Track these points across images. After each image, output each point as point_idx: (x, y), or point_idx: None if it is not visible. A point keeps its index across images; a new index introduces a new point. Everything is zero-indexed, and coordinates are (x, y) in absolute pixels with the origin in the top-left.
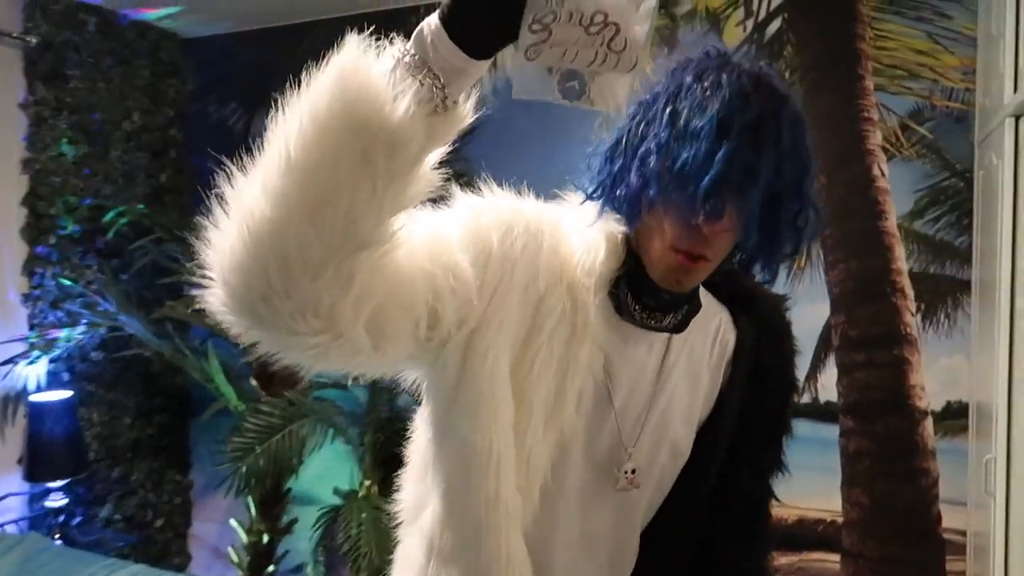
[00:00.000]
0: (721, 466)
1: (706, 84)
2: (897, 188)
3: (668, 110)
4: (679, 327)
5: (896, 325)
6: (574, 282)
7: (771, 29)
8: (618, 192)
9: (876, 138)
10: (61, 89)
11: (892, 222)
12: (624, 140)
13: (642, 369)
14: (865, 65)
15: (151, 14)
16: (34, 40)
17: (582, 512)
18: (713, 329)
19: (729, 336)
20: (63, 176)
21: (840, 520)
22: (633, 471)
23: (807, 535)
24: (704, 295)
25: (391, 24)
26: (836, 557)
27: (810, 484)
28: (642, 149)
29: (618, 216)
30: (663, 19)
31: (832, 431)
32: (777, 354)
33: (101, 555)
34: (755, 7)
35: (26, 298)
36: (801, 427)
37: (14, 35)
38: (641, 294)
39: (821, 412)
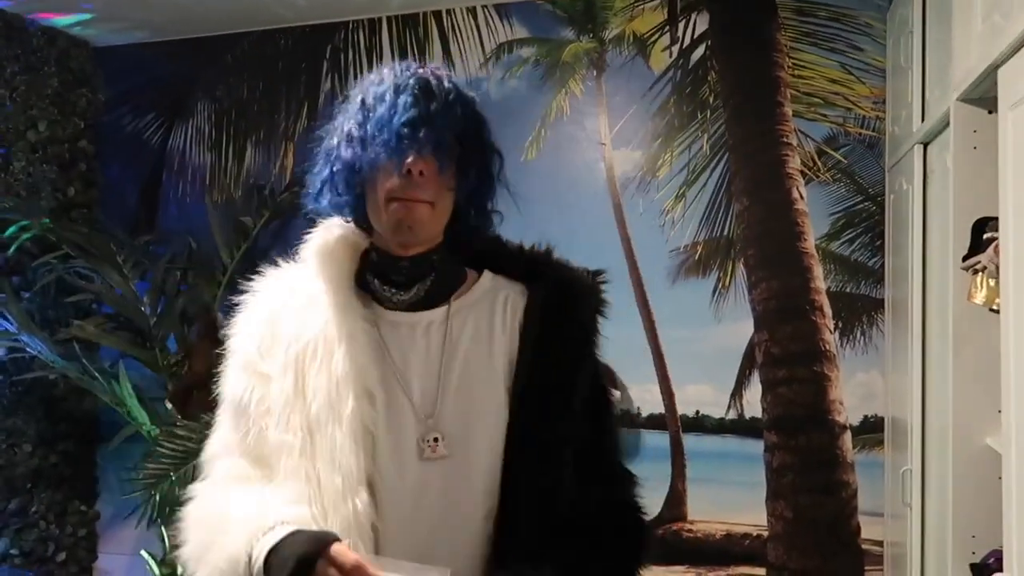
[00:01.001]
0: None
1: (382, 75)
2: (815, 210)
3: (359, 99)
4: (431, 297)
5: (816, 342)
6: (317, 303)
7: (695, 56)
8: (335, 178)
9: (795, 162)
10: None
11: (811, 243)
12: (333, 144)
13: (426, 348)
14: (784, 92)
15: (61, 20)
16: None
17: (409, 492)
18: (502, 299)
19: (519, 302)
20: None
21: (766, 534)
22: (435, 439)
23: (734, 549)
24: (493, 277)
25: (317, 39)
26: (762, 571)
27: (737, 499)
28: (346, 131)
29: (344, 210)
30: (591, 43)
31: (757, 446)
32: (565, 308)
33: None
34: (680, 34)
35: None
36: (728, 443)
37: None
38: (387, 275)
39: (747, 428)
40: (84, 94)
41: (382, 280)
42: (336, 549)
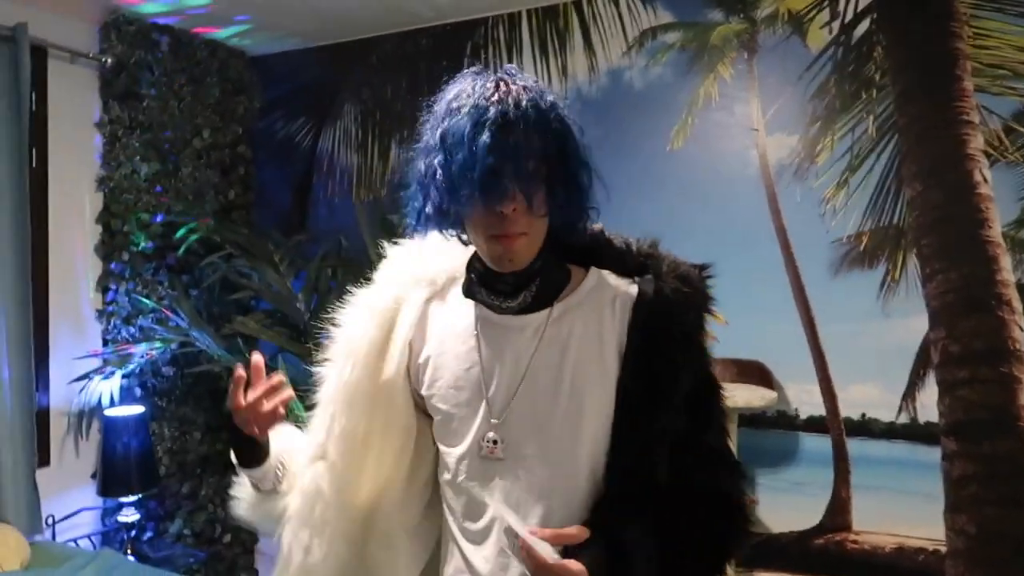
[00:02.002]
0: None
1: (461, 101)
2: (1001, 194)
3: (439, 134)
4: (538, 301)
5: (1003, 340)
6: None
7: (859, 31)
8: (429, 214)
9: (977, 142)
10: (134, 108)
11: (997, 230)
12: (422, 172)
13: (520, 352)
14: (963, 65)
15: (221, 32)
16: (109, 60)
17: (473, 487)
18: (610, 297)
19: (628, 299)
20: (136, 193)
21: (943, 549)
22: (495, 441)
23: (906, 564)
24: (604, 274)
25: (457, 36)
26: None
27: (909, 510)
28: (430, 172)
29: (444, 232)
30: (742, 24)
31: (933, 453)
32: (673, 305)
33: (173, 572)
34: (841, 8)
35: (100, 314)
36: (898, 449)
37: (90, 56)
38: (494, 284)
39: (921, 433)
40: (242, 101)
41: (489, 289)
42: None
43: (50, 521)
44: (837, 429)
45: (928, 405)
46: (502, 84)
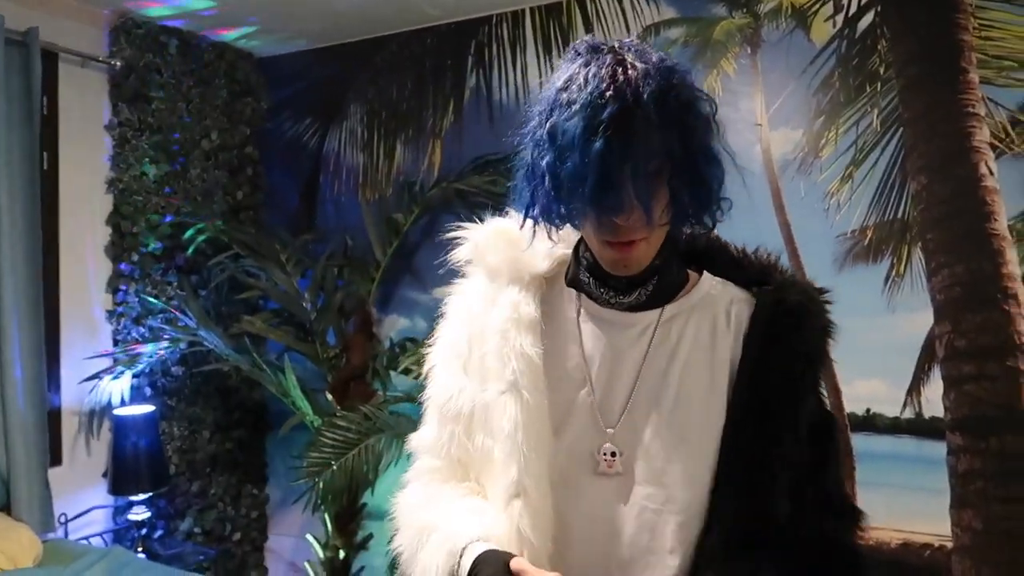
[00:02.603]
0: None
1: (571, 93)
2: (1008, 187)
3: (548, 127)
4: (653, 300)
5: (1009, 334)
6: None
7: (863, 24)
8: (540, 212)
9: (983, 134)
10: (143, 110)
11: (1003, 223)
12: (529, 167)
13: (627, 353)
14: (969, 57)
15: (228, 35)
16: (118, 63)
17: (579, 508)
18: (725, 304)
19: (745, 310)
20: (145, 195)
21: (949, 545)
22: (613, 454)
23: (912, 561)
24: (713, 280)
25: (462, 35)
26: None
27: (915, 506)
28: (539, 171)
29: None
30: (745, 18)
31: (938, 448)
32: (796, 323)
33: (183, 570)
34: (844, 1)
35: (110, 314)
36: (903, 444)
37: (100, 59)
38: (607, 279)
39: (926, 428)
40: (250, 103)
41: (600, 281)
42: (515, 565)
43: (62, 519)
44: (842, 424)
45: (933, 400)
46: (620, 70)
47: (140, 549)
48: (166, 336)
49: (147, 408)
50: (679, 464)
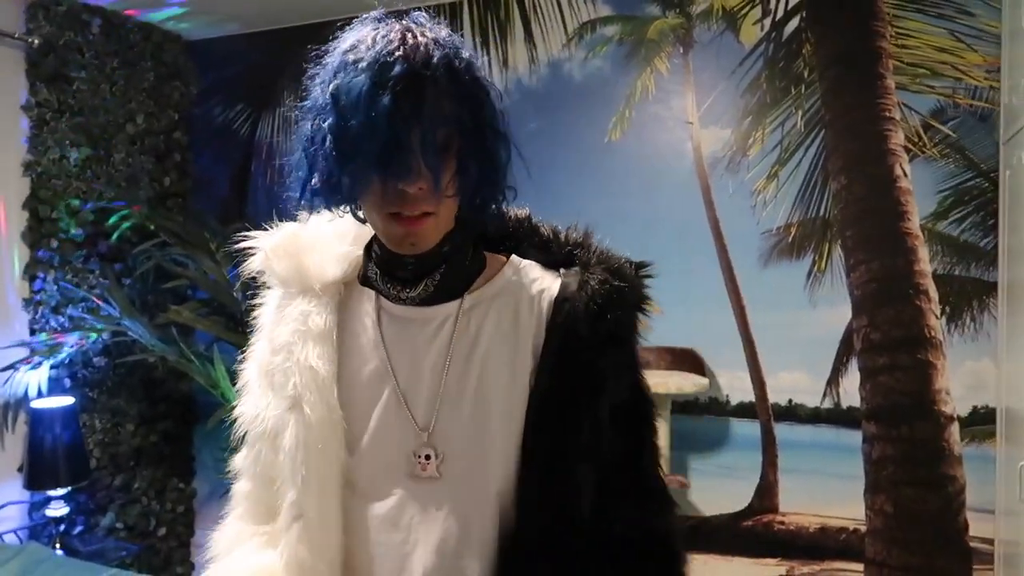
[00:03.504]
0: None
1: (358, 53)
2: (920, 188)
3: (330, 91)
4: (443, 291)
5: (920, 328)
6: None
7: (789, 28)
8: (316, 187)
9: (898, 137)
10: (63, 91)
11: (915, 223)
12: (309, 136)
13: (428, 350)
14: (886, 63)
15: (155, 15)
16: (36, 41)
17: (388, 515)
18: (531, 290)
19: (548, 297)
20: (65, 179)
21: (863, 528)
22: (427, 456)
23: (829, 544)
24: (526, 264)
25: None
26: (859, 566)
27: (832, 491)
28: (319, 136)
29: (334, 210)
30: (678, 18)
31: (855, 437)
32: (602, 302)
33: (103, 565)
34: (772, 5)
35: (27, 303)
36: (823, 433)
37: (16, 36)
38: (394, 271)
39: (843, 417)
40: (178, 87)
41: (388, 276)
42: None
43: None
44: (765, 414)
45: (851, 391)
46: (409, 35)
47: (58, 546)
48: (87, 325)
49: (67, 400)
50: (485, 462)
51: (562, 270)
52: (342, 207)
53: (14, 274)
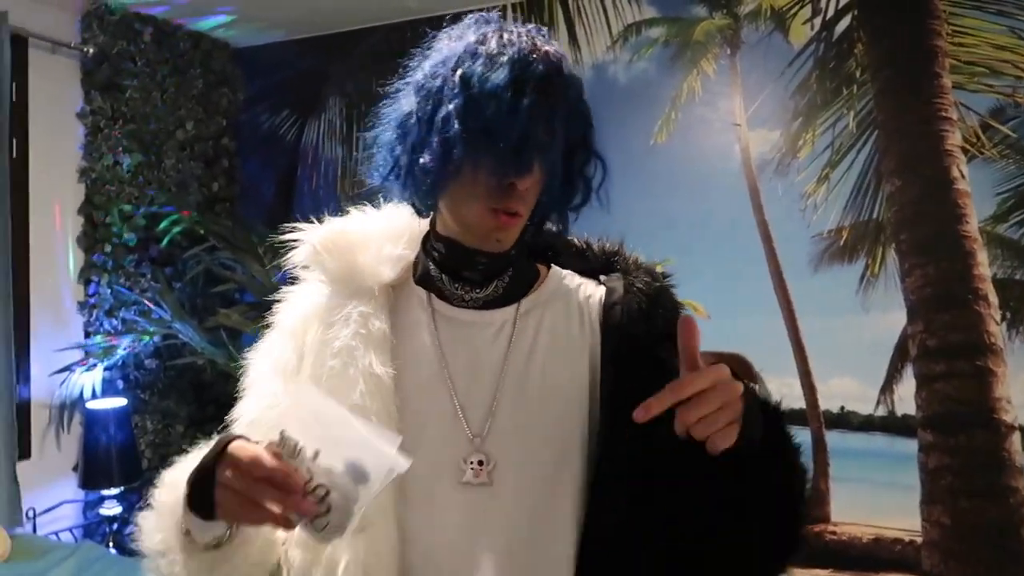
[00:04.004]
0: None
1: (491, 47)
2: (978, 190)
3: (458, 74)
4: (509, 294)
5: (979, 334)
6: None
7: (840, 27)
8: (419, 165)
9: (955, 138)
10: (116, 99)
11: (973, 225)
12: (412, 116)
13: (486, 354)
14: (942, 63)
15: (204, 23)
16: (91, 51)
17: (440, 523)
18: (576, 297)
19: (595, 301)
20: (118, 185)
21: (919, 540)
22: (480, 462)
23: (883, 555)
24: (566, 272)
25: (440, 29)
26: None
27: (886, 501)
28: (439, 116)
29: (416, 198)
30: (725, 19)
31: (910, 445)
32: (651, 304)
33: None
34: (823, 5)
35: (82, 306)
36: (876, 441)
37: (72, 45)
38: (460, 271)
39: (898, 425)
40: (226, 93)
41: (452, 276)
42: (234, 446)
43: (31, 514)
44: (816, 422)
45: (906, 398)
46: (539, 41)
47: (111, 544)
48: (140, 328)
49: (119, 401)
50: (549, 466)
51: (601, 277)
52: (426, 195)
53: (70, 278)
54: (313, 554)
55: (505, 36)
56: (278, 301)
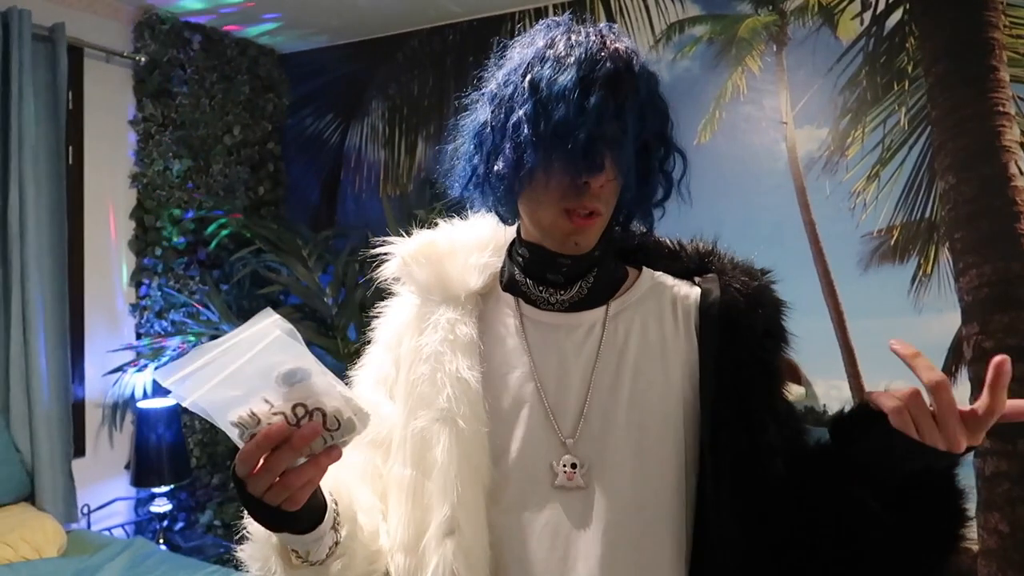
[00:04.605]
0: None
1: (559, 50)
2: None
3: (527, 80)
4: (594, 295)
5: None
6: (455, 300)
7: (891, 21)
8: (494, 172)
9: (1013, 133)
10: (167, 106)
11: None
12: (487, 125)
13: (576, 356)
14: (999, 55)
15: (251, 30)
16: (143, 59)
17: (536, 528)
18: (670, 297)
19: (690, 302)
20: (168, 190)
21: (975, 548)
22: (574, 465)
23: None
24: (659, 274)
25: (484, 32)
26: None
27: None
28: (511, 122)
29: (497, 206)
30: (771, 15)
31: None
32: (751, 305)
33: (205, 562)
34: None
35: (133, 308)
36: None
37: (125, 54)
38: (544, 274)
39: None
40: (271, 99)
41: (537, 280)
42: (235, 465)
43: (85, 510)
44: None
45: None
46: (609, 40)
47: (161, 541)
48: (188, 330)
49: (169, 401)
50: (644, 469)
51: (696, 278)
52: (503, 201)
53: (122, 281)
54: (415, 558)
55: (573, 37)
56: (324, 304)
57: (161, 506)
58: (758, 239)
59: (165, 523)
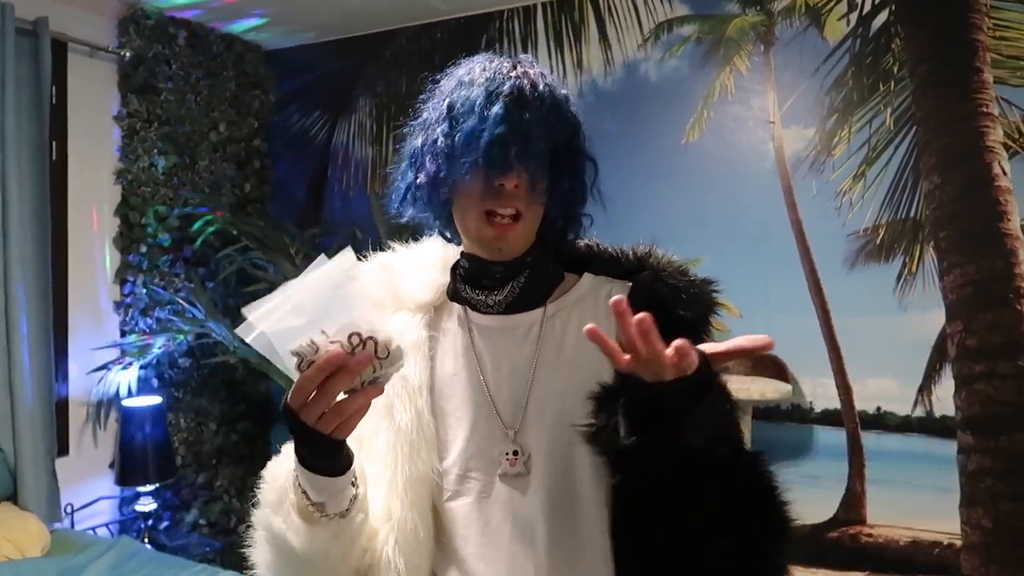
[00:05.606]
0: None
1: (474, 75)
2: (1020, 187)
3: (446, 103)
4: (528, 296)
5: (1021, 334)
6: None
7: (877, 22)
8: (419, 189)
9: (996, 134)
10: (152, 102)
11: (1015, 223)
12: (418, 147)
13: (517, 354)
14: (983, 57)
15: (237, 26)
16: (127, 54)
17: (470, 510)
18: (605, 295)
19: (623, 293)
20: (153, 186)
21: (958, 543)
22: (516, 452)
23: (922, 559)
24: (599, 277)
25: (471, 29)
26: None
27: (925, 504)
28: (431, 139)
29: (440, 226)
30: (758, 16)
31: (948, 447)
32: (675, 298)
33: (190, 560)
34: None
35: (118, 305)
36: (914, 442)
37: (109, 49)
38: (481, 280)
39: (936, 427)
40: (258, 95)
41: (475, 287)
42: (290, 398)
43: (68, 509)
44: (852, 422)
45: (944, 399)
46: (519, 67)
47: (146, 540)
48: (174, 327)
49: (154, 399)
50: (578, 454)
51: (634, 276)
52: (437, 211)
53: (107, 278)
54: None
55: (488, 65)
56: None
57: (146, 505)
58: (745, 238)
59: (150, 522)
